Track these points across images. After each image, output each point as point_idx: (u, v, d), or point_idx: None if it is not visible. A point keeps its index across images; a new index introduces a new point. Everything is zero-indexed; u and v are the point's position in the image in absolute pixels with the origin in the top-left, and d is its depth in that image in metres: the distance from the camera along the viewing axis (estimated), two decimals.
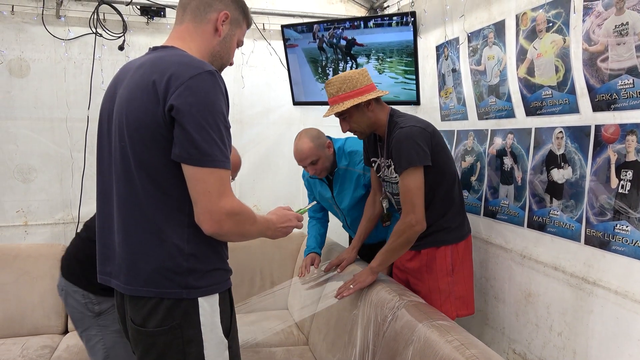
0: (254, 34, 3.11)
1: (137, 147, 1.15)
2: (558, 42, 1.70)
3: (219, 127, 1.12)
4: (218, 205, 1.12)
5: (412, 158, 1.76)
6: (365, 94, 1.81)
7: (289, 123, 3.35)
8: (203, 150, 1.10)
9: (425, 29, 2.63)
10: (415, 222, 1.77)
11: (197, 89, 1.11)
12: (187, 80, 1.11)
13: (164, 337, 1.17)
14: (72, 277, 1.82)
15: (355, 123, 1.89)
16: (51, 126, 2.87)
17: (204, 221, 1.13)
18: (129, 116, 1.16)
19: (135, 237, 1.19)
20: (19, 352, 2.31)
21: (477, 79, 2.18)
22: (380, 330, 1.76)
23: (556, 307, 1.77)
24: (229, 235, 1.17)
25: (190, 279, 1.17)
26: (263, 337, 2.54)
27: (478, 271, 2.22)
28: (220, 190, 1.12)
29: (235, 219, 1.15)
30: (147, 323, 1.18)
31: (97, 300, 1.81)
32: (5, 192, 2.84)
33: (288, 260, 3.01)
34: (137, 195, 1.17)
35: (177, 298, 1.17)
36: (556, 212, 1.76)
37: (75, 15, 2.83)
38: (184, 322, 1.17)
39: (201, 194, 1.12)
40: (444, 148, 1.91)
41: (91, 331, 1.83)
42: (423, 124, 1.85)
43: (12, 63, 2.78)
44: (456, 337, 1.44)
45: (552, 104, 1.76)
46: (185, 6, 1.28)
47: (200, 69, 1.13)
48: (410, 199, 1.78)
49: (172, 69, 1.13)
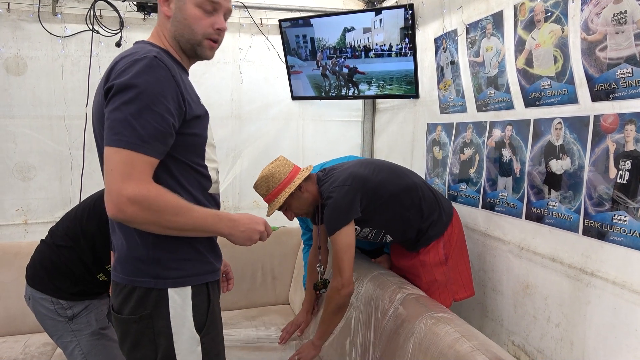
0: (251, 29, 3.10)
1: (99, 139, 1.16)
2: (556, 32, 1.69)
3: (144, 110, 1.06)
4: (119, 187, 1.04)
5: (334, 224, 1.77)
6: (292, 180, 1.85)
7: (288, 118, 3.35)
8: (113, 128, 1.06)
9: (423, 21, 2.61)
10: (341, 286, 1.77)
11: (129, 71, 1.08)
12: (129, 61, 1.10)
13: (136, 325, 1.20)
14: (39, 284, 1.80)
15: (297, 209, 1.93)
16: (49, 124, 2.87)
17: (106, 202, 1.06)
18: (92, 112, 1.21)
19: (111, 224, 1.25)
20: (21, 350, 2.33)
21: (476, 71, 2.17)
22: (380, 324, 1.76)
23: (554, 298, 1.77)
24: (136, 221, 1.08)
25: (158, 268, 1.18)
26: (265, 332, 2.55)
27: (477, 263, 2.22)
28: (124, 172, 1.04)
29: (142, 205, 1.05)
30: (122, 309, 1.21)
31: (68, 304, 1.80)
32: (4, 190, 2.84)
33: (289, 255, 3.01)
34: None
35: (146, 287, 1.18)
36: (554, 204, 1.75)
37: (72, 12, 2.82)
38: (154, 312, 1.18)
39: (106, 174, 1.07)
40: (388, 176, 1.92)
41: (66, 338, 1.82)
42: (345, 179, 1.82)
43: (9, 61, 2.77)
44: (456, 329, 1.44)
45: (551, 94, 1.75)
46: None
47: (137, 54, 1.11)
48: (337, 262, 1.78)
49: (121, 56, 1.14)
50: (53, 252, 1.83)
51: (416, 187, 1.96)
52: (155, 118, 1.07)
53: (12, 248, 2.64)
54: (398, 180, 1.94)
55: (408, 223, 1.96)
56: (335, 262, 1.78)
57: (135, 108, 1.05)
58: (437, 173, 2.56)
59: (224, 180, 3.25)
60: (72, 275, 1.80)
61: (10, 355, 2.29)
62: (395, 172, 1.98)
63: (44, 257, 1.84)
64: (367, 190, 1.84)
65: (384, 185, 1.89)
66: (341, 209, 1.78)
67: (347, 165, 1.93)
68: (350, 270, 1.77)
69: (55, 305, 1.78)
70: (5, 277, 2.56)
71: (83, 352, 1.81)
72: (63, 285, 1.79)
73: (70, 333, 1.80)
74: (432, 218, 1.98)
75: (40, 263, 1.84)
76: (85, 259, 1.81)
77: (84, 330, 1.81)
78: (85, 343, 1.81)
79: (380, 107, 3.40)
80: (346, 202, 1.79)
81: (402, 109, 3.04)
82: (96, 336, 1.83)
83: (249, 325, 2.60)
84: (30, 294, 1.82)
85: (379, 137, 3.41)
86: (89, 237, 1.80)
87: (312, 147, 3.41)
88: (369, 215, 1.86)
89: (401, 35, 2.69)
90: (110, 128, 1.06)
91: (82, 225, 1.82)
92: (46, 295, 1.78)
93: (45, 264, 1.82)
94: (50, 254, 1.83)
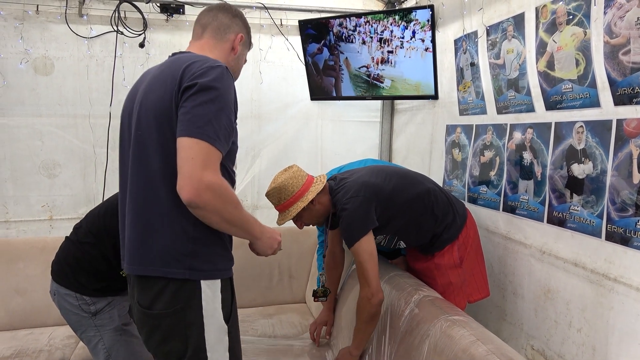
0: (271, 29, 3.13)
1: (153, 132, 1.23)
2: (579, 35, 1.67)
3: (220, 111, 1.19)
4: (200, 174, 1.13)
5: (352, 235, 1.78)
6: (305, 194, 1.83)
7: (307, 118, 3.37)
8: (195, 122, 1.16)
9: (443, 22, 2.60)
10: (371, 295, 1.77)
11: (210, 74, 1.21)
12: (204, 66, 1.22)
13: (168, 319, 1.24)
14: (64, 280, 1.84)
15: (308, 219, 1.93)
16: (74, 123, 2.95)
17: (183, 187, 1.14)
18: (147, 105, 1.26)
19: (145, 217, 1.25)
20: (46, 342, 2.39)
21: (496, 73, 2.15)
22: (396, 325, 1.77)
23: (576, 303, 1.75)
24: (207, 208, 1.16)
25: (194, 261, 1.24)
26: (281, 330, 2.57)
27: (497, 266, 2.20)
28: (204, 161, 1.14)
29: (216, 192, 1.15)
30: (153, 306, 1.25)
31: (92, 300, 1.83)
32: (31, 187, 2.93)
33: (306, 254, 3.03)
34: (151, 178, 1.24)
35: (181, 279, 1.23)
36: (576, 208, 1.73)
37: (97, 14, 2.88)
38: (186, 305, 1.24)
39: (185, 160, 1.14)
40: (400, 183, 1.91)
41: (89, 332, 1.85)
42: (358, 189, 1.82)
43: (37, 61, 2.85)
44: (472, 332, 1.44)
45: (572, 97, 1.74)
46: (205, 26, 1.45)
47: (216, 62, 1.26)
48: (362, 272, 1.78)
49: (191, 61, 1.25)
50: (77, 248, 1.88)
51: (428, 192, 1.95)
52: (226, 119, 1.21)
53: (38, 243, 2.71)
54: (410, 187, 1.93)
55: (421, 228, 1.96)
56: (360, 273, 1.79)
57: (215, 108, 1.18)
58: (456, 175, 2.55)
59: (243, 179, 3.28)
60: (95, 272, 1.85)
61: (35, 346, 2.36)
62: (407, 178, 1.98)
63: (68, 254, 1.89)
64: (381, 199, 1.84)
65: (396, 192, 1.89)
66: (357, 220, 1.79)
67: (359, 175, 1.93)
68: (376, 278, 1.78)
69: (79, 301, 1.83)
70: (31, 270, 2.63)
71: (106, 347, 1.85)
72: (87, 282, 1.84)
73: (93, 328, 1.85)
74: (446, 222, 1.98)
75: (65, 259, 1.88)
76: (108, 256, 1.85)
77: (107, 325, 1.85)
78: (108, 338, 1.85)
79: (398, 108, 3.39)
80: (361, 213, 1.79)
81: (420, 109, 3.03)
82: (119, 332, 1.88)
83: (266, 324, 2.63)
84: (55, 290, 1.87)
85: (397, 138, 3.40)
86: (112, 234, 1.84)
87: (330, 147, 3.42)
88: (383, 223, 1.86)
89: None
90: (191, 121, 1.16)
91: (106, 222, 1.86)
92: (70, 291, 1.83)
93: (70, 261, 1.87)
94: (74, 250, 1.88)
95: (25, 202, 2.93)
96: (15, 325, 2.58)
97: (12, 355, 2.28)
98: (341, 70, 3.08)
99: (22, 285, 2.62)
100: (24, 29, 2.79)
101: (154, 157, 1.23)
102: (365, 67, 2.97)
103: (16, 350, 2.32)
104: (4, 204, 2.90)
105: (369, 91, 3.03)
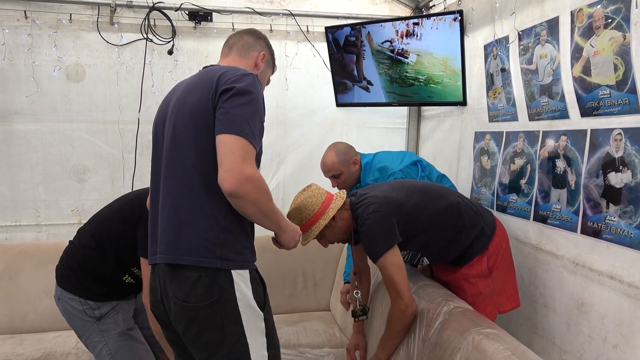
0: (297, 36, 3.13)
1: (190, 131, 1.34)
2: (617, 39, 1.61)
3: (255, 112, 1.32)
4: (241, 166, 1.24)
5: (376, 250, 1.78)
6: (326, 211, 1.82)
7: (332, 125, 3.35)
8: (234, 121, 1.28)
9: (472, 27, 2.56)
10: (405, 307, 1.75)
11: (245, 80, 1.33)
12: (238, 73, 1.35)
13: (204, 311, 1.30)
14: (68, 285, 1.85)
15: (332, 237, 1.92)
16: (104, 128, 3.00)
17: (225, 179, 1.24)
18: (185, 107, 1.38)
19: (182, 210, 1.34)
20: (74, 345, 2.43)
21: (528, 79, 2.10)
22: (426, 336, 1.73)
23: (611, 318, 1.68)
24: (246, 198, 1.26)
25: (225, 251, 1.31)
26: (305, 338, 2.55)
27: (527, 278, 2.14)
28: (244, 156, 1.26)
29: (255, 184, 1.26)
30: (189, 297, 1.30)
31: (96, 305, 1.83)
32: (61, 191, 2.99)
33: (330, 261, 3.01)
34: (187, 173, 1.33)
35: (214, 268, 1.29)
36: (613, 218, 1.67)
37: (128, 22, 2.94)
38: (221, 296, 1.30)
39: (226, 155, 1.25)
40: (422, 198, 1.88)
41: (94, 337, 1.85)
42: (380, 205, 1.80)
43: (69, 69, 2.92)
44: (507, 346, 1.39)
45: (610, 104, 1.68)
46: (231, 46, 1.59)
47: (240, 70, 1.38)
48: (392, 286, 1.76)
49: (224, 70, 1.38)
50: (79, 253, 1.88)
51: (452, 207, 1.91)
52: (259, 121, 1.34)
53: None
54: (433, 203, 1.90)
55: (446, 245, 1.93)
56: (391, 286, 1.77)
57: (251, 110, 1.31)
58: (485, 183, 2.50)
59: (268, 185, 3.28)
60: (97, 276, 1.85)
61: (64, 349, 2.40)
62: (429, 193, 1.94)
63: (71, 258, 1.89)
64: (403, 214, 1.82)
65: (418, 208, 1.86)
66: (380, 234, 1.78)
67: (380, 190, 1.92)
68: (408, 290, 1.76)
69: (83, 305, 1.83)
70: None
71: (111, 352, 1.85)
72: (90, 286, 1.84)
73: (98, 333, 1.84)
74: (474, 234, 1.93)
75: (68, 264, 1.89)
76: (109, 261, 1.84)
77: (112, 330, 1.85)
78: (113, 343, 1.84)
79: (425, 115, 3.35)
80: (383, 227, 1.78)
81: (448, 116, 2.98)
82: (123, 336, 1.87)
83: (290, 332, 2.61)
84: (59, 294, 1.87)
85: (424, 145, 3.36)
86: (114, 239, 1.84)
87: None
88: (405, 239, 1.84)
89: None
90: (230, 120, 1.28)
91: (109, 228, 1.86)
92: (75, 296, 1.83)
93: (73, 265, 1.87)
94: (77, 255, 1.88)
95: (56, 206, 2.99)
96: (44, 328, 2.63)
97: (41, 358, 2.32)
98: (363, 47, 3.01)
99: (52, 288, 2.64)
100: (57, 37, 2.87)
101: (190, 153, 1.33)
102: (389, 41, 2.88)
103: (45, 353, 2.36)
104: (36, 207, 2.97)
105: (392, 68, 2.93)
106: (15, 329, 2.62)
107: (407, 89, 2.97)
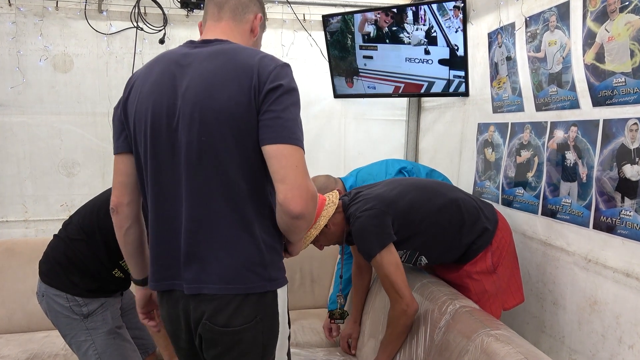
0: (294, 24, 3.03)
1: (229, 140, 1.13)
2: (635, 24, 1.52)
3: (299, 111, 1.15)
4: (307, 183, 1.10)
5: (369, 248, 1.72)
6: (317, 219, 1.74)
7: (330, 116, 3.26)
8: (288, 128, 1.10)
9: (476, 14, 2.46)
10: (406, 306, 1.69)
11: (287, 73, 1.16)
12: (278, 64, 1.16)
13: (250, 332, 1.18)
14: (54, 280, 1.75)
15: (326, 241, 1.87)
16: (94, 121, 2.89)
17: (293, 198, 1.07)
18: (213, 108, 1.13)
19: (222, 234, 1.16)
20: (62, 346, 2.32)
21: (536, 67, 2.01)
22: (430, 337, 1.65)
23: (627, 317, 1.60)
24: (308, 218, 1.12)
25: (271, 271, 1.19)
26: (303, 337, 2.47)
27: (535, 274, 2.06)
28: (305, 169, 1.11)
29: (314, 202, 1.12)
30: (232, 322, 1.16)
31: (84, 301, 1.74)
32: (50, 186, 2.88)
33: (328, 259, 2.93)
34: (227, 191, 1.14)
35: (262, 292, 1.17)
36: (629, 213, 1.59)
37: (117, 10, 2.82)
38: (266, 315, 1.19)
39: (290, 169, 1.08)
40: (419, 196, 1.82)
41: (80, 337, 1.76)
42: (373, 204, 1.75)
43: (57, 58, 2.80)
44: (518, 349, 1.31)
45: (625, 92, 1.59)
46: (221, 5, 1.29)
47: (275, 59, 1.19)
48: (390, 285, 1.70)
49: (257, 54, 1.17)
50: (67, 246, 1.79)
51: (451, 203, 1.83)
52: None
53: None
54: (429, 201, 1.83)
55: (446, 244, 1.85)
56: (389, 286, 1.70)
57: (298, 111, 1.15)
58: (489, 176, 2.41)
59: None
60: (87, 271, 1.77)
61: (52, 350, 2.31)
62: (425, 191, 1.86)
63: (59, 252, 1.79)
64: (397, 212, 1.75)
65: (413, 207, 1.79)
66: (372, 233, 1.71)
67: (373, 188, 1.86)
68: (407, 289, 1.70)
69: (70, 302, 1.74)
70: None
71: (97, 352, 1.75)
72: (80, 281, 1.75)
73: (85, 332, 1.75)
74: (476, 230, 1.85)
75: (55, 258, 1.79)
76: (99, 254, 1.76)
77: (100, 328, 1.76)
78: (100, 342, 1.75)
79: (425, 106, 3.26)
80: (376, 226, 1.71)
81: (450, 107, 2.89)
82: (112, 335, 1.79)
83: None
84: (44, 291, 1.77)
85: (424, 137, 3.27)
86: (104, 232, 1.74)
87: (353, 146, 3.31)
88: (401, 238, 1.77)
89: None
90: (284, 126, 1.10)
91: (99, 220, 1.76)
92: (61, 292, 1.74)
93: (60, 260, 1.77)
94: (64, 248, 1.79)
95: (44, 201, 2.89)
96: (32, 328, 2.53)
97: (28, 359, 2.22)
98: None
99: None
100: (44, 26, 2.74)
101: (231, 167, 1.13)
102: None
103: (32, 354, 2.27)
104: (24, 202, 2.86)
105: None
106: (2, 329, 2.52)
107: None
